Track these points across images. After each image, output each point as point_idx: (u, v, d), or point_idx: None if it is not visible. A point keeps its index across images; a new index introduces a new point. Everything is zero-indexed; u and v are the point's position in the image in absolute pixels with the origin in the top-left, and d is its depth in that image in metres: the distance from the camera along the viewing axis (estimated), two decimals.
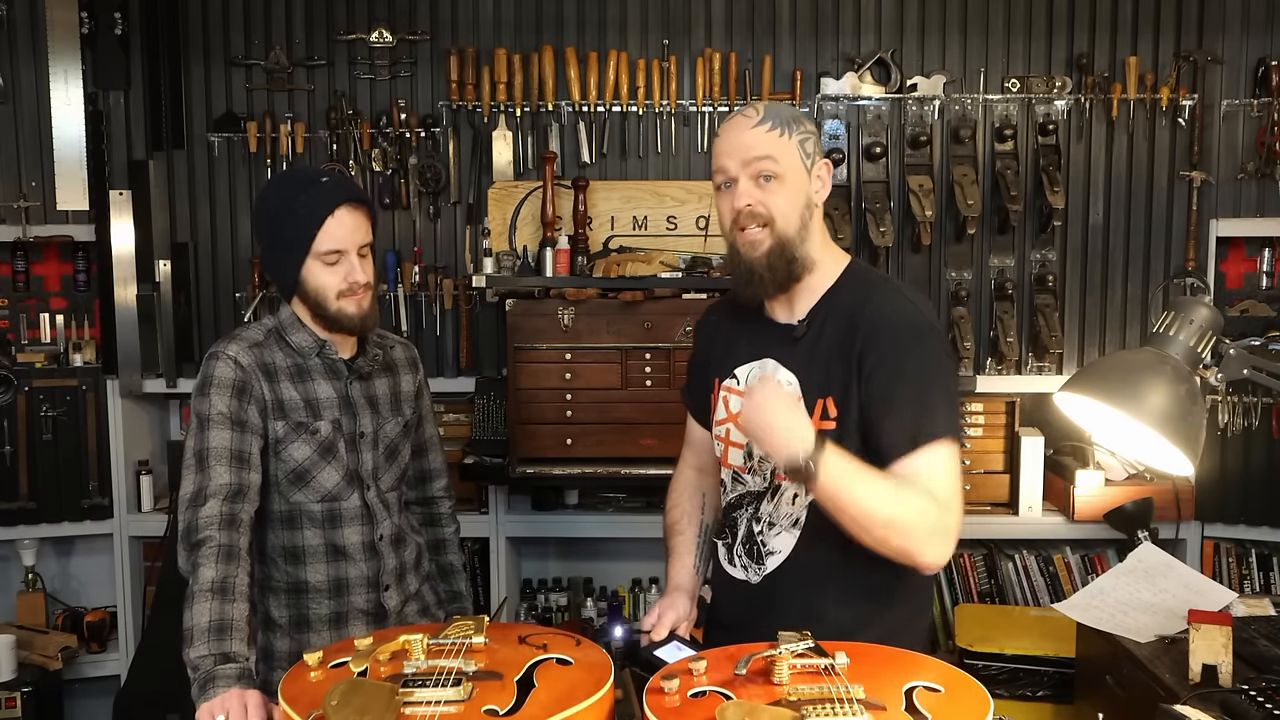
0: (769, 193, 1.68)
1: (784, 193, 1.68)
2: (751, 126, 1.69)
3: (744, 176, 1.69)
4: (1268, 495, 3.17)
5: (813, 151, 1.72)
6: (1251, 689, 1.71)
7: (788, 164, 1.68)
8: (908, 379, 1.64)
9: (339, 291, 1.88)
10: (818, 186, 1.73)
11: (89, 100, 3.32)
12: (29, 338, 3.40)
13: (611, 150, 3.34)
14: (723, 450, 1.84)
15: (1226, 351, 1.65)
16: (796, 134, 1.70)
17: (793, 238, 1.69)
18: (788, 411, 1.57)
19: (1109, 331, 3.34)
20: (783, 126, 1.68)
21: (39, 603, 3.40)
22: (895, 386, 1.63)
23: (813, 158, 1.72)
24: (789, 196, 1.69)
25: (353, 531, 1.95)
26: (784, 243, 1.69)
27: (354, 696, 1.23)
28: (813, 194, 1.73)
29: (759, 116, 1.69)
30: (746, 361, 1.80)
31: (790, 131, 1.69)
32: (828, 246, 1.78)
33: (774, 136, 1.68)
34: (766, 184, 1.68)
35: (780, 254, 1.69)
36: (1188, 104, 3.23)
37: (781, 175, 1.68)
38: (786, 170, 1.68)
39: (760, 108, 1.71)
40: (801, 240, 1.70)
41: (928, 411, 1.64)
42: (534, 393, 3.02)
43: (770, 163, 1.67)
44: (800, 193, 1.70)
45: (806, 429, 1.55)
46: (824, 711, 1.21)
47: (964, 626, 2.84)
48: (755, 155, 1.68)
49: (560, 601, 3.45)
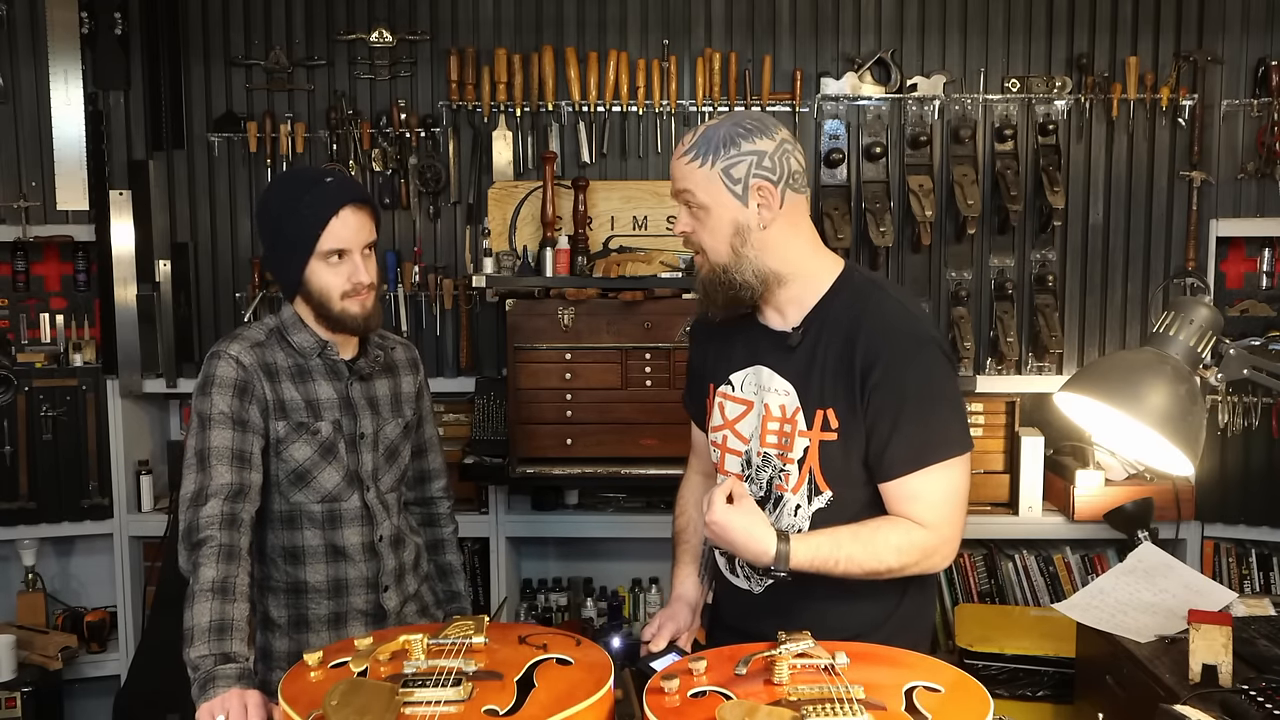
0: (698, 223, 1.69)
1: (709, 224, 1.68)
2: (678, 157, 1.69)
3: (680, 205, 1.71)
4: (1268, 495, 3.17)
5: (744, 175, 1.65)
6: (1251, 689, 1.71)
7: (707, 195, 1.66)
8: (912, 396, 1.64)
9: (343, 292, 1.88)
10: (756, 207, 1.67)
11: (89, 100, 3.32)
12: (29, 338, 3.40)
13: (611, 150, 3.34)
14: (719, 457, 1.83)
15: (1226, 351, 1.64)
16: (721, 161, 1.65)
17: (726, 265, 1.69)
18: (745, 525, 1.60)
19: (1109, 331, 3.34)
20: (705, 156, 1.65)
21: (39, 603, 3.40)
22: (900, 403, 1.64)
23: (743, 182, 1.65)
24: (713, 228, 1.68)
25: (352, 532, 1.95)
26: (717, 269, 1.70)
27: (354, 696, 1.23)
28: (746, 219, 1.67)
29: (686, 146, 1.68)
30: (741, 368, 1.80)
31: (714, 160, 1.65)
32: (817, 253, 1.75)
33: (694, 169, 1.66)
34: (696, 214, 1.69)
35: (715, 281, 1.71)
36: (1188, 104, 3.23)
37: (705, 206, 1.67)
38: (707, 201, 1.67)
39: (695, 135, 1.68)
40: (738, 268, 1.69)
41: (934, 431, 1.65)
42: (534, 393, 3.02)
43: (689, 195, 1.68)
44: (726, 222, 1.67)
45: (765, 533, 1.60)
46: (824, 711, 1.21)
47: (964, 626, 2.84)
48: (677, 188, 1.70)
49: (560, 601, 3.45)
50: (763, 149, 1.65)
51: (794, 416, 1.70)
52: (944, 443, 1.66)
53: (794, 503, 1.72)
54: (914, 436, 1.64)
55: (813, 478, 1.69)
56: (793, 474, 1.70)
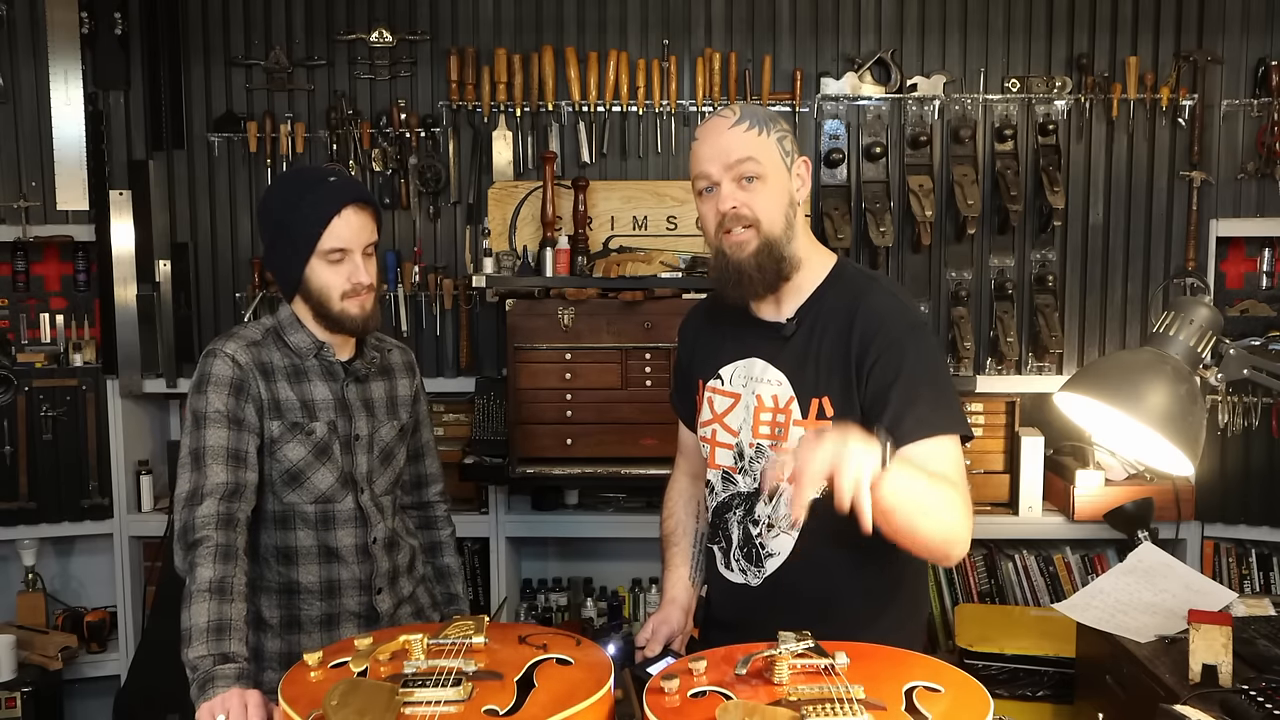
0: (753, 194, 1.67)
1: (767, 193, 1.67)
2: (729, 128, 1.67)
3: (726, 180, 1.67)
4: (1268, 495, 3.17)
5: (790, 150, 1.71)
6: (1251, 689, 1.71)
7: (769, 163, 1.67)
8: (914, 371, 1.63)
9: (343, 292, 1.88)
10: (798, 184, 1.72)
11: (89, 100, 3.32)
12: (29, 338, 3.39)
13: (611, 150, 3.34)
14: (709, 451, 1.83)
15: (1226, 351, 1.64)
16: (774, 132, 1.68)
17: (779, 237, 1.68)
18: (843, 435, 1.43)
19: (1109, 331, 3.34)
20: (760, 125, 1.67)
21: (39, 603, 3.40)
22: (903, 378, 1.63)
23: (791, 155, 1.71)
24: (772, 196, 1.68)
25: (346, 533, 1.95)
26: (771, 242, 1.68)
27: (354, 696, 1.23)
28: (794, 192, 1.71)
29: (736, 117, 1.68)
30: (731, 361, 1.80)
31: (768, 130, 1.68)
32: (813, 245, 1.77)
33: (753, 136, 1.66)
34: (749, 185, 1.67)
35: (769, 254, 1.68)
36: (1188, 104, 3.23)
37: (764, 175, 1.67)
38: (769, 170, 1.67)
39: (736, 108, 1.70)
40: (788, 239, 1.69)
41: (940, 405, 1.64)
42: (534, 393, 3.02)
43: (753, 164, 1.66)
44: (783, 191, 1.69)
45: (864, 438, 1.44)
46: (824, 711, 1.21)
47: (964, 626, 2.84)
48: (737, 158, 1.66)
49: (560, 601, 3.45)
50: (790, 130, 1.73)
51: (788, 406, 1.70)
52: (950, 419, 1.64)
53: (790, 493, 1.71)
54: (920, 407, 1.62)
55: None
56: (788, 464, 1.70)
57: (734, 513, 1.80)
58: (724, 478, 1.81)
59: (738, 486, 1.79)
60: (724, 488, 1.82)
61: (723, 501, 1.82)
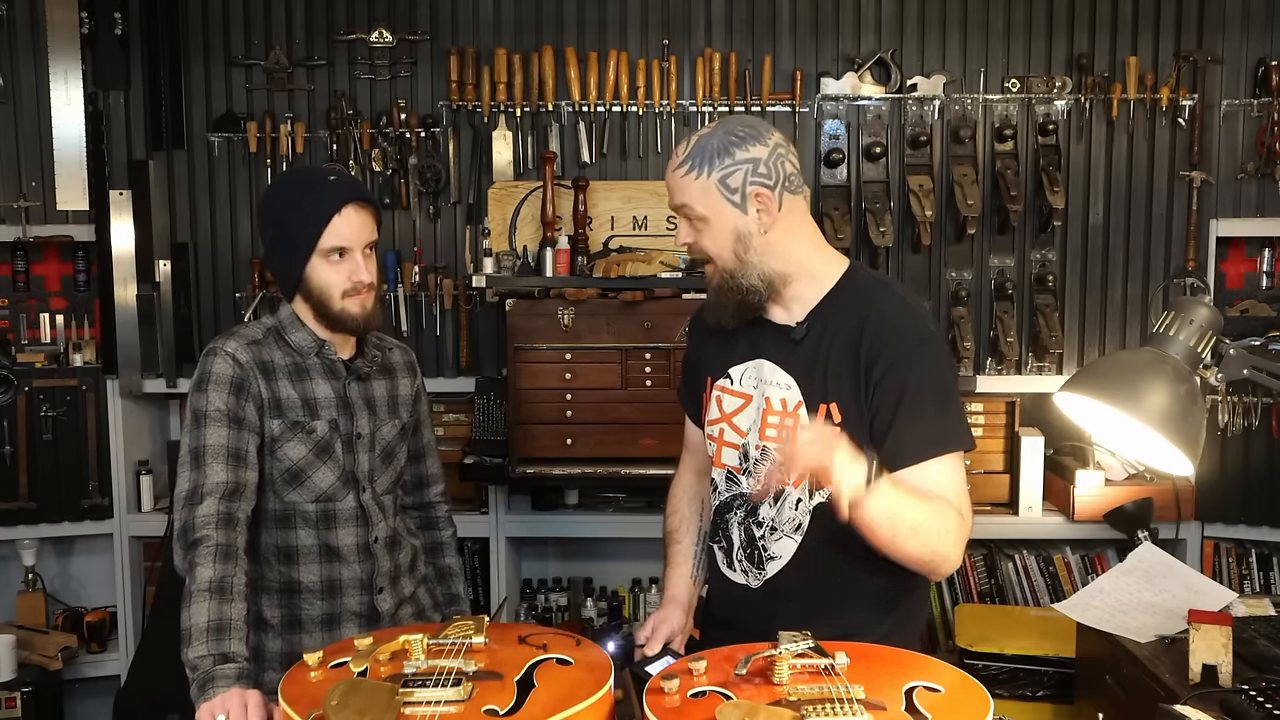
0: (700, 234, 1.71)
1: (710, 233, 1.70)
2: (673, 169, 1.70)
3: (679, 217, 1.73)
4: (1268, 495, 3.17)
5: (741, 184, 1.66)
6: (1251, 689, 1.71)
7: (705, 207, 1.68)
8: (920, 387, 1.64)
9: (343, 291, 1.88)
10: (755, 214, 1.68)
11: (89, 100, 3.32)
12: (29, 338, 3.39)
13: (611, 150, 3.34)
14: (716, 450, 1.83)
15: (1226, 351, 1.64)
16: (717, 171, 1.66)
17: (734, 270, 1.70)
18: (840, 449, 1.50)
19: (1109, 331, 3.34)
20: (699, 168, 1.66)
21: (39, 603, 3.40)
22: (908, 393, 1.64)
23: (740, 190, 1.66)
24: (715, 236, 1.70)
25: (347, 533, 1.95)
26: (726, 276, 1.71)
27: (354, 696, 1.23)
28: (747, 226, 1.68)
29: (681, 158, 1.69)
30: (741, 362, 1.80)
31: (708, 170, 1.66)
32: (821, 252, 1.76)
33: (689, 181, 1.67)
34: (696, 225, 1.70)
35: (726, 287, 1.72)
36: (1188, 104, 3.23)
37: (704, 217, 1.69)
38: (705, 214, 1.68)
39: (691, 141, 1.69)
40: (744, 273, 1.70)
41: (943, 422, 1.65)
42: (534, 393, 3.02)
43: (688, 209, 1.70)
44: (727, 231, 1.68)
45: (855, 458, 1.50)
46: (824, 711, 1.21)
47: (964, 626, 2.84)
48: (675, 202, 1.72)
49: (560, 601, 3.45)
50: (757, 155, 1.66)
51: (796, 410, 1.71)
52: (953, 435, 1.66)
53: (795, 496, 1.72)
54: (925, 426, 1.63)
55: None
56: None
57: (735, 513, 1.80)
58: (728, 477, 1.81)
59: (741, 487, 1.79)
60: (727, 487, 1.82)
61: (724, 501, 1.82)
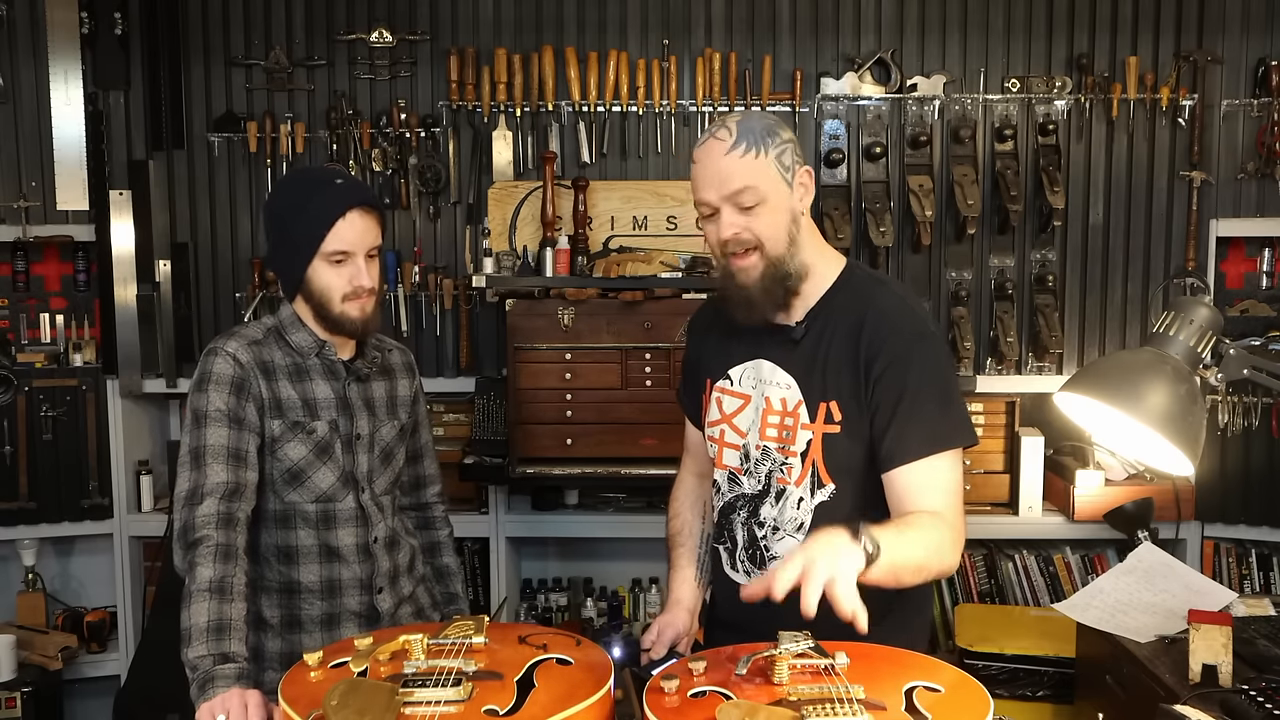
0: (754, 218, 1.65)
1: (767, 215, 1.65)
2: (725, 153, 1.63)
3: (726, 206, 1.65)
4: (1268, 495, 3.17)
5: (791, 163, 1.66)
6: (1251, 689, 1.71)
7: (767, 187, 1.64)
8: (921, 384, 1.64)
9: (344, 294, 1.88)
10: (800, 194, 1.69)
11: (89, 100, 3.32)
12: (29, 338, 3.39)
13: (611, 150, 3.34)
14: (717, 451, 1.83)
15: (1226, 351, 1.64)
16: (773, 149, 1.64)
17: (783, 255, 1.67)
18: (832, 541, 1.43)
19: (1109, 331, 3.34)
20: (756, 146, 1.63)
21: (39, 603, 3.40)
22: (908, 391, 1.64)
23: (791, 169, 1.66)
24: (773, 218, 1.65)
25: (347, 533, 1.95)
26: (775, 263, 1.67)
27: (354, 696, 1.23)
28: (796, 205, 1.68)
29: (732, 139, 1.63)
30: (740, 362, 1.80)
31: (765, 149, 1.64)
32: (821, 249, 1.76)
33: (749, 161, 1.63)
34: (750, 210, 1.65)
35: (773, 275, 1.68)
36: (1188, 104, 3.23)
37: (764, 198, 1.64)
38: (767, 193, 1.64)
39: (733, 126, 1.65)
40: (792, 255, 1.68)
41: (944, 419, 1.65)
42: (534, 393, 3.02)
43: (752, 190, 1.63)
44: (784, 210, 1.66)
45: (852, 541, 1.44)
46: (824, 711, 1.20)
47: (964, 626, 2.84)
48: (734, 188, 1.63)
49: (560, 601, 3.45)
50: (791, 138, 1.69)
51: (796, 410, 1.71)
52: (953, 432, 1.66)
53: (796, 495, 1.72)
54: (924, 423, 1.63)
55: (815, 471, 1.69)
56: (795, 467, 1.71)
57: (738, 514, 1.80)
58: (730, 478, 1.81)
59: (743, 488, 1.79)
60: (729, 488, 1.82)
61: (728, 502, 1.82)
